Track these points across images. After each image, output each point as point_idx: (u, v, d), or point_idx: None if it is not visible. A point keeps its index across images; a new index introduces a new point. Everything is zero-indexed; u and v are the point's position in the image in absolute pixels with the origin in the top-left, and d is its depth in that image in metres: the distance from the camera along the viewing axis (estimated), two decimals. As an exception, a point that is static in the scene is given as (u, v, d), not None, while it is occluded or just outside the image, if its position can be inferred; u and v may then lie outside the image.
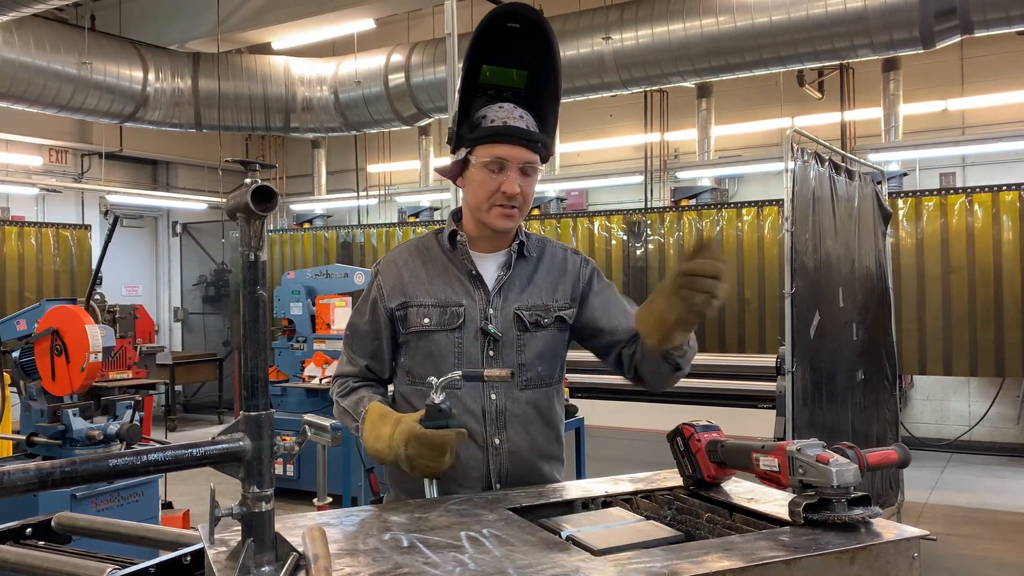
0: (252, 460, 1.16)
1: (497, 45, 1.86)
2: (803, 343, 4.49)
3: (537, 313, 1.90)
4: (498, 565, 1.19)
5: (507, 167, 1.82)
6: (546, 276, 1.95)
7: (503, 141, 1.81)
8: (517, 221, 1.89)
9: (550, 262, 1.98)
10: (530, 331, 1.89)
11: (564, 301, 1.95)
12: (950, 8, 6.19)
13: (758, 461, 1.48)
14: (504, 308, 1.89)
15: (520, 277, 1.93)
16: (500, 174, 1.82)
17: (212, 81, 9.06)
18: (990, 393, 8.57)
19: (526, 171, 1.84)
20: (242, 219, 1.20)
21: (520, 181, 1.83)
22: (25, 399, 3.91)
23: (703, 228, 7.71)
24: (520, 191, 1.84)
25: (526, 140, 1.82)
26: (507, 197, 1.83)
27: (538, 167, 1.86)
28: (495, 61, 1.87)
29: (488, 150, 1.82)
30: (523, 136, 1.82)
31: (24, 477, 1.03)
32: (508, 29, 1.84)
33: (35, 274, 9.15)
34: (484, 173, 1.83)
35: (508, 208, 1.85)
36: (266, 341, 1.24)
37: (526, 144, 1.82)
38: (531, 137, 1.83)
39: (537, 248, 1.99)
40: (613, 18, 7.55)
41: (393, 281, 1.94)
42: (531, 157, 1.83)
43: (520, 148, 1.82)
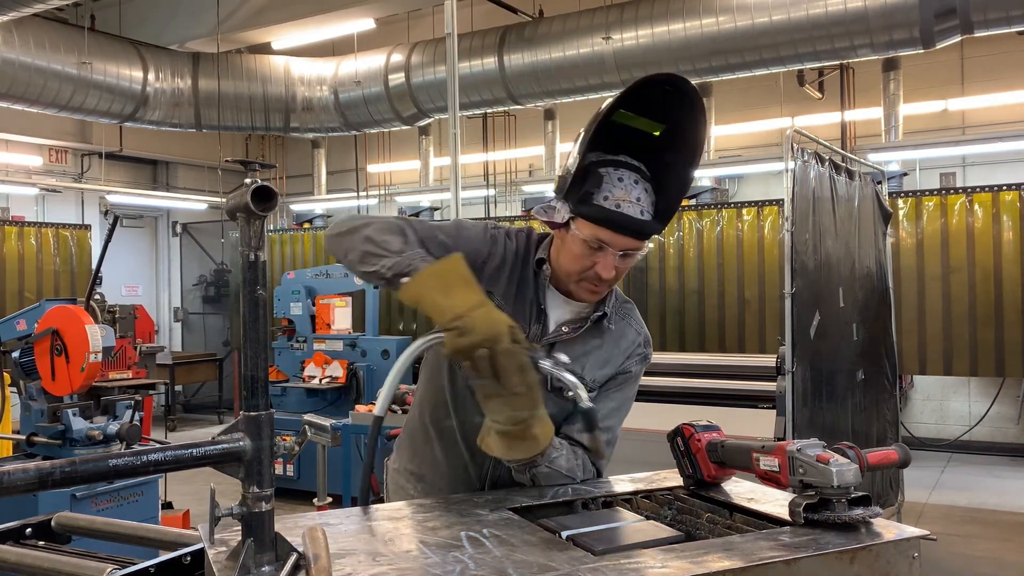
0: (252, 460, 1.16)
1: (643, 101, 1.70)
2: (803, 343, 4.49)
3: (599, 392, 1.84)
4: (498, 565, 1.19)
5: (606, 250, 1.70)
6: (602, 351, 1.84)
7: (611, 228, 1.68)
8: (603, 295, 1.81)
9: (617, 340, 1.86)
10: (551, 393, 1.72)
11: (597, 384, 1.83)
12: (950, 8, 6.19)
13: (758, 461, 1.48)
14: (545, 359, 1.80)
15: (579, 343, 1.81)
16: (598, 253, 1.71)
17: (212, 81, 9.06)
18: (990, 393, 8.57)
19: (630, 255, 1.73)
20: (242, 219, 1.20)
21: (618, 263, 1.72)
22: (25, 399, 3.91)
23: (703, 228, 7.71)
24: (615, 274, 1.73)
25: (634, 232, 1.68)
26: (598, 278, 1.73)
27: (641, 250, 1.73)
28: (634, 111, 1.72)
29: (592, 229, 1.69)
30: (634, 228, 1.68)
31: (24, 477, 1.03)
32: (659, 91, 1.69)
33: (35, 274, 9.15)
34: (582, 248, 1.71)
35: (598, 287, 1.77)
36: (266, 341, 1.24)
37: (634, 235, 1.69)
38: (641, 229, 1.69)
39: (617, 321, 1.87)
40: (613, 18, 7.55)
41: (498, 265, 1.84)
42: (634, 246, 1.71)
43: (627, 238, 1.69)
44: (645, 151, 1.73)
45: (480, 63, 8.19)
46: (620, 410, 1.90)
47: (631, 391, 1.91)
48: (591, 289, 1.78)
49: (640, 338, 1.91)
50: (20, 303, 8.46)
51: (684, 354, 7.26)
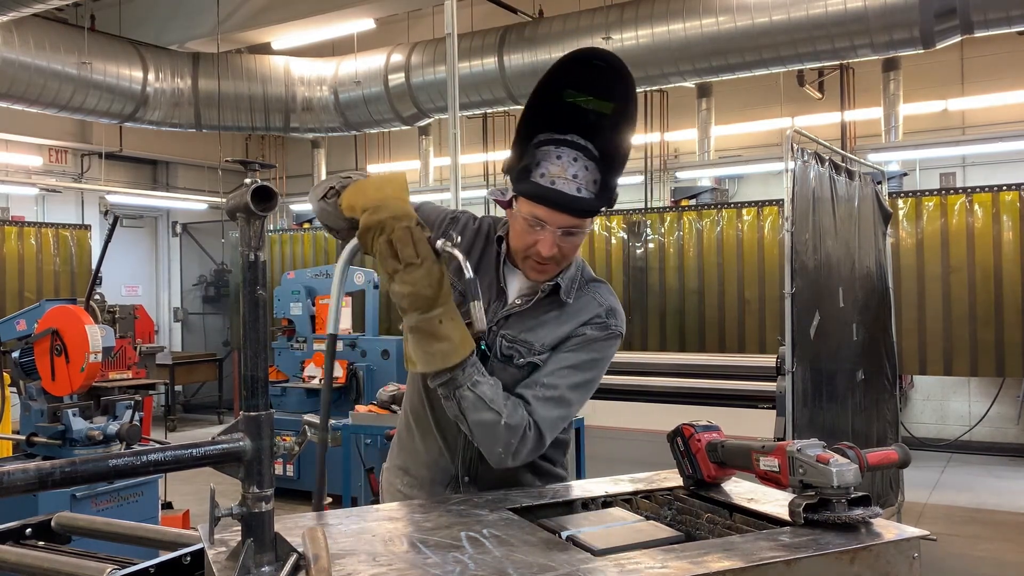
0: (252, 460, 1.16)
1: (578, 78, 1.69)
2: (803, 343, 4.49)
3: (516, 347, 1.79)
4: (498, 565, 1.19)
5: (546, 228, 1.70)
6: (556, 320, 1.82)
7: (545, 204, 1.68)
8: (551, 274, 1.80)
9: (576, 312, 1.83)
10: (502, 362, 1.78)
11: (548, 347, 1.80)
12: (950, 8, 6.19)
13: (758, 461, 1.48)
14: (501, 330, 1.81)
15: (533, 309, 1.82)
16: (538, 231, 1.71)
17: (212, 81, 9.06)
18: (990, 393, 8.57)
19: (570, 233, 1.72)
20: (242, 219, 1.20)
21: (559, 242, 1.71)
22: (25, 399, 3.91)
23: (703, 228, 7.71)
24: (558, 251, 1.73)
25: (568, 209, 1.68)
26: (540, 256, 1.73)
27: (583, 229, 1.73)
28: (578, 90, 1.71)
29: (529, 206, 1.70)
30: (567, 204, 1.67)
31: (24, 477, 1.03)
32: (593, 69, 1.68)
33: (35, 274, 9.15)
34: (523, 225, 1.73)
35: (543, 265, 1.76)
36: (266, 341, 1.24)
37: (569, 212, 1.68)
38: (576, 207, 1.68)
39: (577, 293, 1.85)
40: (613, 18, 7.55)
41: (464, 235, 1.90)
42: (573, 223, 1.70)
43: (562, 215, 1.68)
44: (595, 131, 1.71)
45: (480, 63, 8.19)
46: (572, 372, 1.79)
47: (586, 355, 1.80)
48: (536, 267, 1.78)
49: (602, 309, 1.84)
50: (20, 303, 8.46)
51: (684, 354, 7.27)
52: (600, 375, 1.86)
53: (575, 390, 1.79)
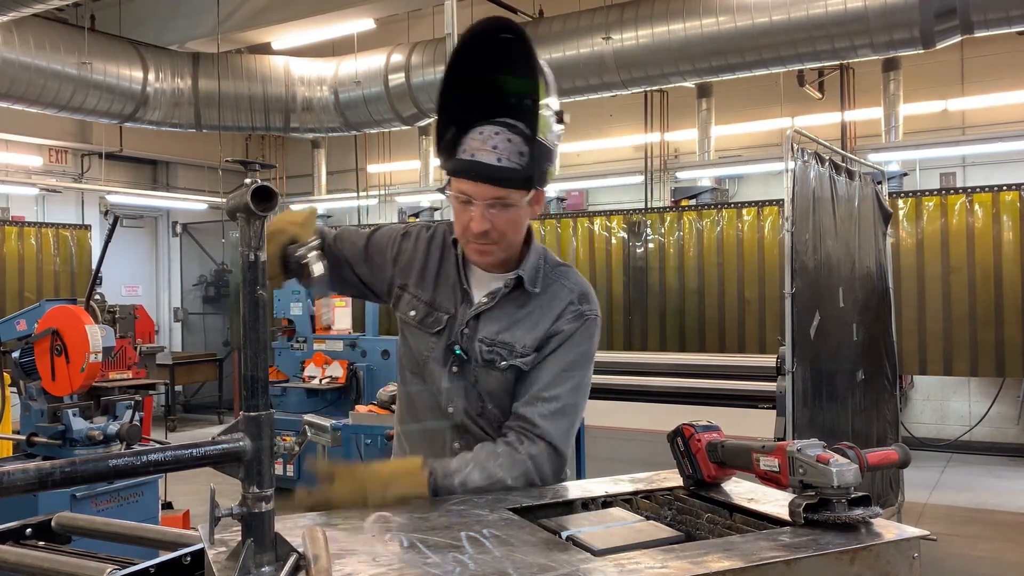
0: (252, 460, 1.16)
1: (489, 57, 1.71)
2: (803, 343, 4.49)
3: (497, 352, 1.77)
4: (498, 565, 1.19)
5: (474, 203, 1.69)
6: (532, 316, 1.79)
7: (466, 177, 1.69)
8: (496, 256, 1.77)
9: (548, 303, 1.80)
10: (485, 368, 1.77)
11: (530, 348, 1.76)
12: (950, 8, 6.19)
13: (758, 461, 1.48)
14: (475, 334, 1.79)
15: (506, 308, 1.80)
16: (469, 208, 1.70)
17: (212, 81, 9.06)
18: (990, 393, 8.57)
19: (498, 206, 1.69)
20: (242, 219, 1.20)
21: (491, 216, 1.69)
22: (25, 399, 3.91)
23: (703, 228, 7.71)
24: (492, 227, 1.70)
25: (488, 178, 1.66)
26: (477, 235, 1.72)
27: (513, 201, 1.70)
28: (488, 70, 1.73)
29: (456, 183, 1.71)
30: (486, 174, 1.66)
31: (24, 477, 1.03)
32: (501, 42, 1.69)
33: (35, 274, 9.16)
34: (457, 205, 1.73)
35: (481, 244, 1.74)
36: (266, 341, 1.24)
37: (490, 181, 1.67)
38: (496, 175, 1.66)
39: (544, 282, 1.82)
40: (613, 18, 7.55)
41: (409, 258, 1.90)
42: (499, 194, 1.67)
43: (484, 185, 1.67)
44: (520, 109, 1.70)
45: (480, 63, 8.18)
46: (567, 376, 1.76)
47: (574, 354, 1.77)
48: (476, 249, 1.76)
49: (573, 296, 1.80)
50: (20, 303, 8.46)
51: (684, 354, 7.27)
52: (591, 366, 1.83)
53: (575, 393, 1.77)
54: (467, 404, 1.81)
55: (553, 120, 1.71)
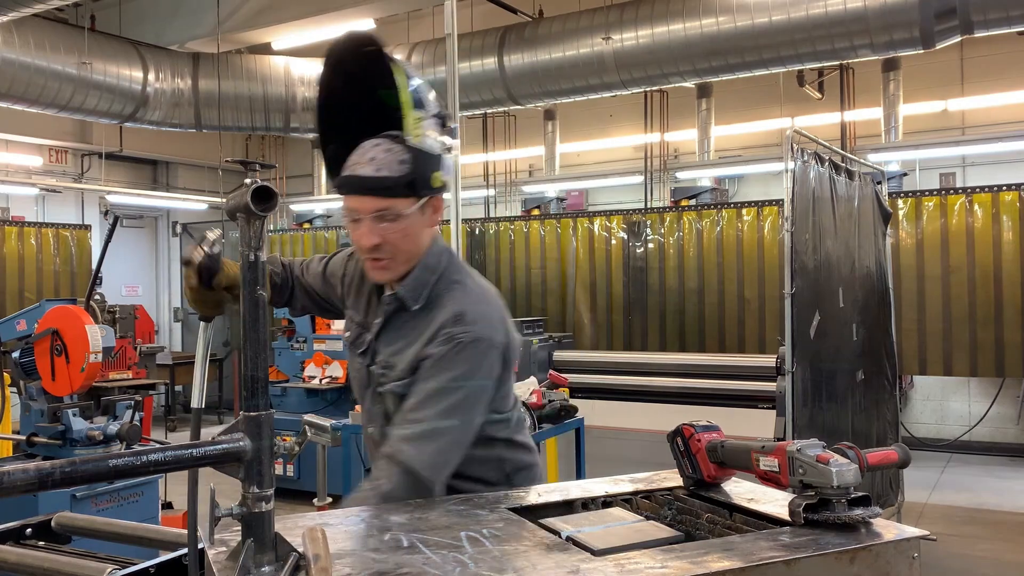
0: (252, 460, 1.16)
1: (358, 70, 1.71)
2: (803, 343, 4.49)
3: (385, 372, 1.76)
4: (498, 565, 1.19)
5: (361, 218, 1.68)
6: (415, 332, 1.74)
7: (347, 192, 1.68)
8: (395, 272, 1.74)
9: (428, 322, 1.73)
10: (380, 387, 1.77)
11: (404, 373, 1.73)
12: (950, 8, 6.19)
13: (758, 461, 1.48)
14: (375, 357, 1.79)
15: (396, 327, 1.77)
16: (358, 224, 1.69)
17: (212, 81, 9.06)
18: (990, 393, 8.56)
19: (384, 218, 1.67)
20: (242, 219, 1.20)
21: (379, 230, 1.67)
22: (25, 399, 3.91)
23: (703, 228, 7.71)
24: (382, 241, 1.68)
25: (367, 190, 1.65)
26: (367, 250, 1.70)
27: (400, 212, 1.67)
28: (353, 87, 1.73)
29: (344, 201, 1.71)
30: (364, 186, 1.65)
31: (24, 477, 1.03)
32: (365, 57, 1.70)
33: (35, 274, 9.16)
34: (348, 224, 1.72)
35: (376, 260, 1.72)
36: (266, 341, 1.24)
37: (371, 192, 1.65)
38: (374, 186, 1.64)
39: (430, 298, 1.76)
40: (613, 18, 7.55)
41: (351, 278, 1.93)
42: (382, 205, 1.65)
43: (366, 198, 1.66)
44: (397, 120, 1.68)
45: (480, 63, 8.19)
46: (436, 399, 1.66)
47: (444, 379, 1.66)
48: (372, 266, 1.74)
49: (448, 316, 1.70)
50: (20, 303, 8.46)
51: (684, 354, 7.28)
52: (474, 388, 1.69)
53: (445, 416, 1.66)
54: (383, 424, 1.79)
55: (433, 125, 1.68)
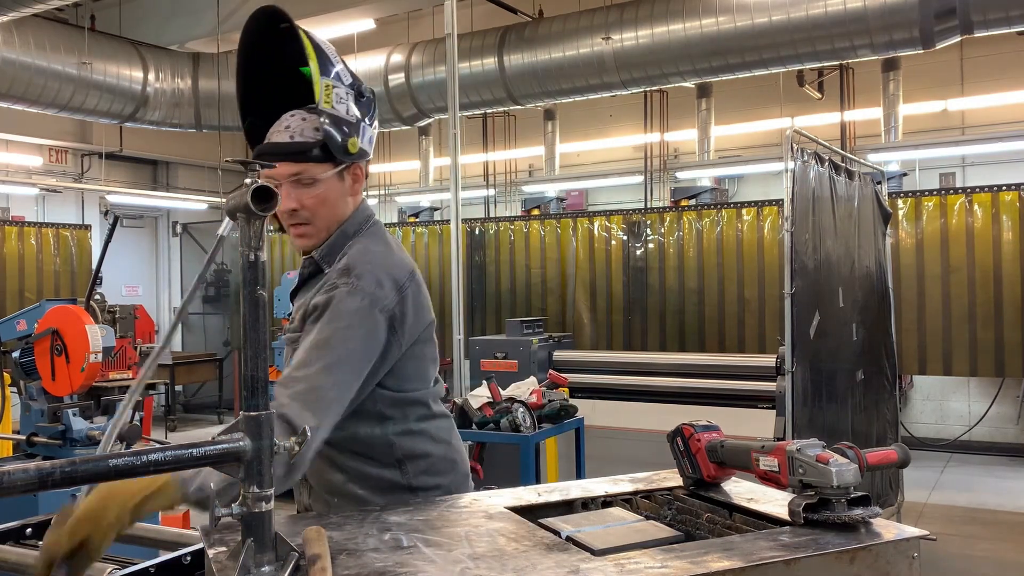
0: (252, 460, 1.16)
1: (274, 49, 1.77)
2: (803, 343, 4.49)
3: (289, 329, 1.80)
4: (498, 565, 1.19)
5: (279, 185, 1.71)
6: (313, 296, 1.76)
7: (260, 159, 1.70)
8: (315, 239, 1.79)
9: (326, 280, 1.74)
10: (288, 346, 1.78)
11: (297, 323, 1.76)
12: (950, 8, 6.19)
13: (758, 461, 1.48)
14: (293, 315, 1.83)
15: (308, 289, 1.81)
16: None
17: (212, 81, 9.06)
18: (990, 393, 8.57)
19: (301, 183, 1.73)
20: (242, 219, 1.20)
21: (296, 194, 1.73)
22: (25, 399, 3.91)
23: (703, 228, 7.71)
24: (299, 205, 1.74)
25: (282, 155, 1.71)
26: (286, 215, 1.76)
27: (315, 176, 1.73)
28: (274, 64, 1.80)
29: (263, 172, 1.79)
30: (277, 151, 1.72)
31: (24, 477, 1.03)
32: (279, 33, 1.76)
33: (35, 274, 9.16)
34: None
35: (297, 226, 1.78)
36: (266, 341, 1.24)
37: (284, 158, 1.71)
38: (288, 150, 1.71)
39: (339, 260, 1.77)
40: (613, 18, 7.55)
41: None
42: (295, 170, 1.72)
43: (283, 164, 1.71)
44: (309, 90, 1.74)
45: (480, 63, 8.19)
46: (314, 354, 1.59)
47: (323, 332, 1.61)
48: (295, 234, 1.80)
49: (336, 269, 1.72)
50: (20, 303, 8.46)
51: (684, 354, 7.28)
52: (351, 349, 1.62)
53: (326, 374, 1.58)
54: None
55: (346, 94, 1.73)
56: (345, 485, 1.77)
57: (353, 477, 1.76)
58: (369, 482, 1.76)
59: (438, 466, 1.83)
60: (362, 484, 1.76)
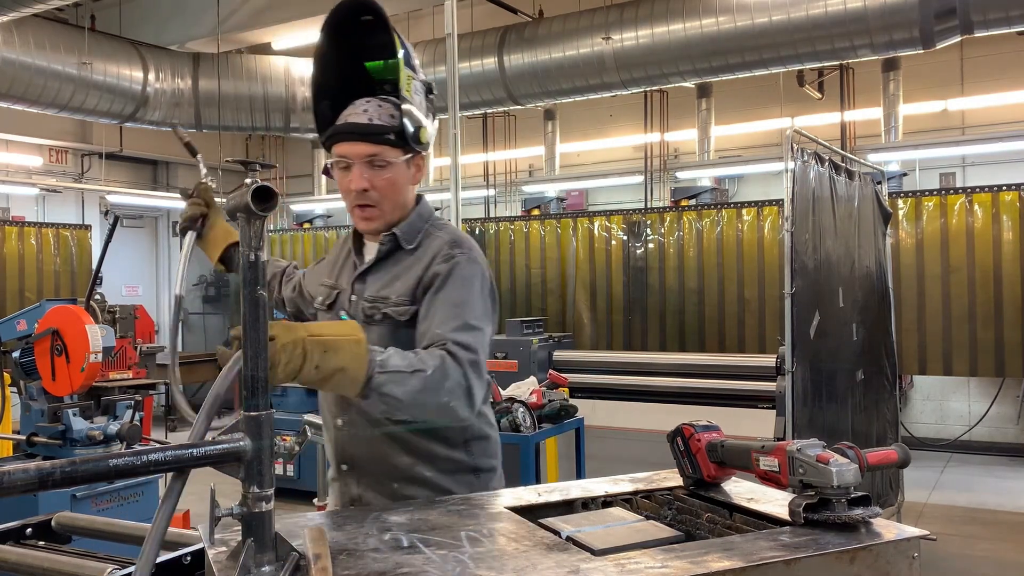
0: (252, 460, 1.16)
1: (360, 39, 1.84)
2: (803, 343, 4.49)
3: (376, 306, 1.83)
4: (498, 565, 1.19)
5: (351, 164, 1.80)
6: (409, 270, 1.84)
7: (340, 140, 1.80)
8: (380, 221, 1.85)
9: (423, 255, 1.84)
10: (367, 324, 1.81)
11: (403, 297, 1.80)
12: (950, 8, 6.19)
13: (758, 461, 1.48)
14: (362, 296, 1.87)
15: (388, 267, 1.87)
16: (348, 172, 1.81)
17: (212, 81, 9.06)
18: (990, 393, 8.57)
19: (374, 164, 1.79)
20: (242, 219, 1.20)
21: (368, 175, 1.79)
22: (25, 399, 3.91)
23: (703, 228, 7.71)
24: (370, 186, 1.80)
25: (361, 135, 1.78)
26: (357, 195, 1.81)
27: (388, 159, 1.79)
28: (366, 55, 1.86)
29: (335, 150, 1.82)
30: (357, 131, 1.78)
31: (24, 477, 1.03)
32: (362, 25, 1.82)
33: (35, 274, 9.16)
34: (338, 174, 1.84)
35: (364, 209, 1.84)
36: (266, 341, 1.24)
37: (363, 138, 1.78)
38: (368, 131, 1.78)
39: (422, 239, 1.87)
40: (613, 18, 7.55)
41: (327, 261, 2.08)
42: (372, 151, 1.78)
43: (358, 143, 1.78)
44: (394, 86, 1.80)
45: (480, 63, 8.19)
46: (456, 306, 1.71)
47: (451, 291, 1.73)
48: (361, 214, 1.85)
49: (445, 242, 1.83)
50: (20, 303, 8.46)
51: (684, 354, 7.28)
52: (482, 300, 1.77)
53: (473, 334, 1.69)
54: None
55: (420, 87, 1.81)
56: (413, 468, 1.80)
57: (423, 459, 1.81)
58: (437, 464, 1.81)
59: (493, 448, 1.93)
60: (431, 466, 1.81)
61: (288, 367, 1.35)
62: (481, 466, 1.88)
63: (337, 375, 1.42)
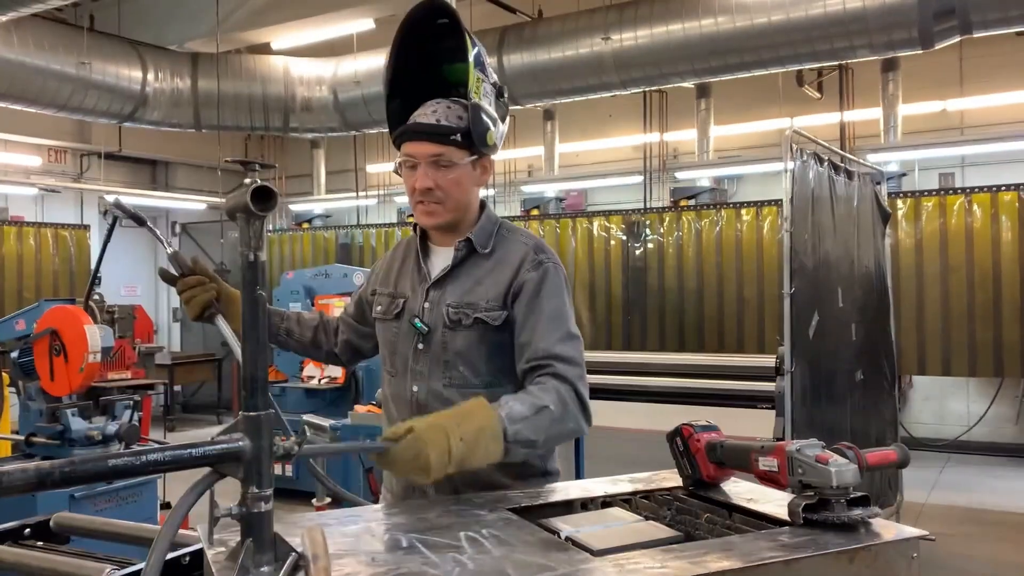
0: (252, 460, 1.16)
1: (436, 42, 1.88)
2: (802, 343, 4.49)
3: (463, 311, 1.84)
4: (497, 565, 1.19)
5: (417, 164, 1.83)
6: (491, 273, 1.87)
7: (408, 139, 1.84)
8: (441, 217, 1.88)
9: (503, 258, 1.88)
10: (452, 329, 1.84)
11: (494, 303, 1.83)
12: (949, 8, 6.19)
13: (757, 461, 1.48)
14: (440, 302, 1.87)
15: (466, 272, 1.88)
16: (415, 171, 1.84)
17: (211, 81, 9.06)
18: (989, 393, 8.57)
19: (439, 164, 1.82)
20: (241, 219, 1.20)
21: (433, 175, 1.82)
22: (24, 399, 3.91)
23: (702, 228, 7.71)
24: (435, 185, 1.82)
25: (427, 135, 1.81)
26: (421, 193, 1.84)
27: (454, 160, 1.82)
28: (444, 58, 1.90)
29: (403, 149, 1.86)
30: (424, 131, 1.81)
31: (23, 477, 1.03)
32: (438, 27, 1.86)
33: (34, 274, 9.16)
34: (405, 173, 1.88)
35: (427, 204, 1.86)
36: (265, 341, 1.24)
37: (429, 139, 1.81)
38: (434, 131, 1.81)
39: (497, 242, 1.91)
40: (613, 18, 7.55)
41: (377, 270, 2.07)
42: (437, 151, 1.81)
43: (424, 143, 1.82)
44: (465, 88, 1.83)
45: (479, 63, 8.18)
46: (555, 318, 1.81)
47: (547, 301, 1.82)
48: (424, 210, 1.87)
49: (528, 248, 1.88)
50: (19, 303, 8.46)
51: (684, 354, 7.28)
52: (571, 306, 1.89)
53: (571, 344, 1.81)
54: (432, 380, 1.85)
55: (490, 89, 1.85)
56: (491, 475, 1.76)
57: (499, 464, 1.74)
58: (514, 468, 1.80)
59: (554, 452, 1.96)
60: (505, 471, 1.78)
61: (437, 448, 1.43)
62: (550, 469, 1.93)
63: (481, 438, 1.51)
